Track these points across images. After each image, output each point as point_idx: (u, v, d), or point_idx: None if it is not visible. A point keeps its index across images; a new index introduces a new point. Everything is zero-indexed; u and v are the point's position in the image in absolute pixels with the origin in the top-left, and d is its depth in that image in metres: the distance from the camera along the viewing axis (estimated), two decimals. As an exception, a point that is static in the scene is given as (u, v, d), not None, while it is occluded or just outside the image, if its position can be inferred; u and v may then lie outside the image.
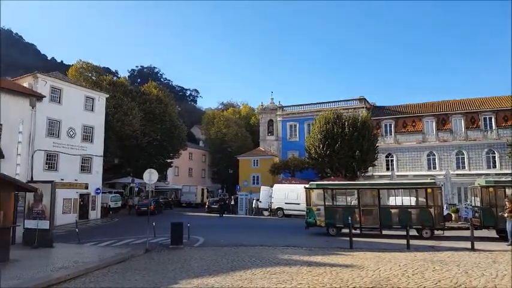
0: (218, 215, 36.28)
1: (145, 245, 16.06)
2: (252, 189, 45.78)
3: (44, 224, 15.68)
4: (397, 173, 41.17)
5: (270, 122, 56.74)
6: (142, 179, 20.93)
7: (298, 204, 32.82)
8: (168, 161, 52.04)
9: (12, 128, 26.98)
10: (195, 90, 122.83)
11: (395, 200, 20.61)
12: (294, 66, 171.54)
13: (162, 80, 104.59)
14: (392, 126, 46.40)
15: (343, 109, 46.63)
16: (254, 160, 52.81)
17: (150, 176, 18.33)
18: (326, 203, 21.03)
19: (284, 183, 39.09)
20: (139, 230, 22.57)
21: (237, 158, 54.62)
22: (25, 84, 31.28)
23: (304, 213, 22.76)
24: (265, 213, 37.86)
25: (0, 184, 12.04)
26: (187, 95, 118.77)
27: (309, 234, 21.09)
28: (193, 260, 13.20)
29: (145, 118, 45.50)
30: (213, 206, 39.71)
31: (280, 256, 13.62)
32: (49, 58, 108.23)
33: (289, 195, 35.40)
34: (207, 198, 50.91)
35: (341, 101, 51.45)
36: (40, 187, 15.79)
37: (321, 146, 38.70)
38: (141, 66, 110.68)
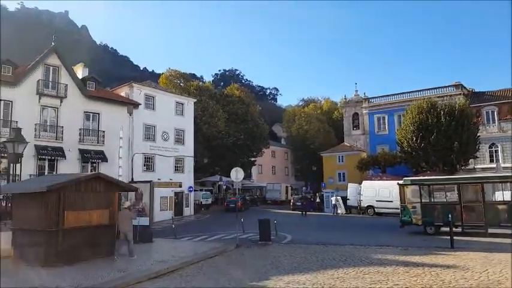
0: (301, 213, 35.39)
1: (236, 240, 16.51)
2: (338, 186, 44.52)
3: (145, 221, 16.95)
4: (503, 165, 36.85)
5: (355, 116, 54.41)
6: (229, 177, 21.62)
7: (391, 201, 31.15)
8: (252, 159, 53.14)
9: (114, 134, 29.80)
10: (275, 88, 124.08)
11: (503, 195, 18.38)
12: (378, 55, 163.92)
13: (243, 81, 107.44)
14: (495, 113, 41.56)
15: (438, 97, 42.68)
16: (339, 156, 51.28)
17: (237, 174, 18.82)
18: (422, 200, 19.61)
19: (374, 180, 37.32)
20: (228, 226, 23.27)
21: (321, 155, 53.53)
22: (122, 94, 34.39)
23: (398, 211, 21.49)
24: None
25: (107, 185, 13.30)
26: (267, 93, 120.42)
27: (404, 233, 19.86)
28: (283, 256, 13.20)
29: (229, 119, 47.09)
30: (298, 204, 39.34)
31: (373, 256, 13.01)
32: (141, 68, 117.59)
33: (380, 192, 33.69)
34: (292, 195, 50.90)
35: (434, 88, 47.08)
36: (140, 187, 17.11)
37: (414, 139, 35.98)
38: (223, 69, 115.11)
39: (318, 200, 41.72)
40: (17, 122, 24.11)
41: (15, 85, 25.58)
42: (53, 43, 28.24)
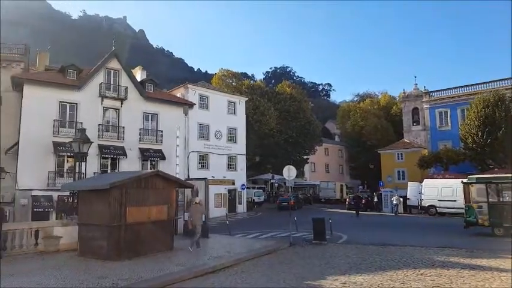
0: (355, 213, 33.68)
1: (289, 238, 16.39)
2: (397, 185, 42.59)
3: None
4: None
5: (415, 111, 51.65)
6: (281, 175, 21.53)
7: (454, 201, 29.44)
8: (305, 157, 52.63)
9: (171, 133, 30.91)
10: (328, 84, 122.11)
11: None
12: (439, 47, 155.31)
13: (294, 78, 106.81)
14: None
15: (506, 89, 39.64)
16: (398, 153, 49.08)
17: (289, 172, 18.66)
18: (490, 200, 18.21)
19: (436, 178, 35.38)
20: (281, 224, 23.21)
21: (378, 152, 51.51)
22: (178, 95, 35.61)
23: (462, 211, 20.17)
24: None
25: (165, 182, 13.79)
26: (319, 90, 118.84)
27: (469, 234, 18.60)
28: (338, 257, 12.89)
29: (280, 117, 46.99)
30: (353, 203, 38.15)
31: (435, 257, 12.30)
32: (195, 69, 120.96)
33: (442, 191, 31.88)
34: (347, 194, 49.68)
35: (502, 79, 43.41)
36: (196, 184, 17.58)
37: (480, 134, 33.60)
38: (274, 67, 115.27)
39: (375, 199, 40.36)
40: (81, 123, 25.78)
41: (79, 89, 27.39)
42: (113, 48, 29.85)
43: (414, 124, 51.51)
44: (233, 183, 35.74)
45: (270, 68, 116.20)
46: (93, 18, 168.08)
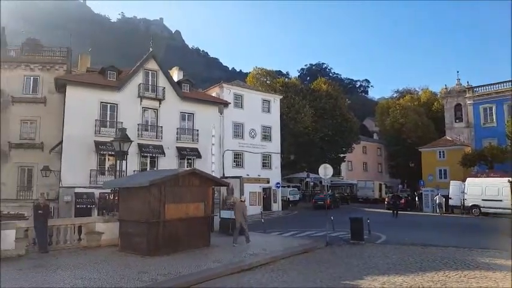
0: (391, 212, 31.59)
1: (326, 238, 16.17)
2: (439, 184, 40.91)
3: (236, 215, 17.46)
4: None
5: (458, 107, 49.36)
6: (316, 173, 21.24)
7: (500, 201, 28.03)
8: (341, 155, 51.75)
9: (206, 132, 31.42)
10: (366, 80, 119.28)
11: None
12: (482, 40, 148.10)
13: (330, 74, 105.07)
14: None
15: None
16: (440, 151, 47.22)
17: (325, 171, 18.35)
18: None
19: (480, 177, 33.78)
20: (317, 223, 22.92)
21: (419, 150, 49.77)
22: (214, 94, 36.04)
23: (508, 211, 19.14)
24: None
25: (202, 180, 14.00)
26: (357, 86, 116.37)
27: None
28: (377, 257, 12.58)
29: (316, 114, 46.41)
30: (392, 203, 36.73)
31: (479, 259, 11.74)
32: (230, 69, 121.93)
33: (487, 190, 30.37)
34: (386, 194, 48.38)
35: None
36: (231, 182, 17.70)
37: (528, 130, 31.69)
38: (309, 64, 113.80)
39: (417, 199, 39.06)
40: (122, 122, 26.64)
41: (119, 89, 28.32)
42: (150, 49, 30.64)
43: (457, 121, 49.32)
44: (268, 182, 35.70)
45: (305, 65, 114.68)
46: (131, 21, 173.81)
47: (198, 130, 31.46)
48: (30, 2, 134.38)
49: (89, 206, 25.29)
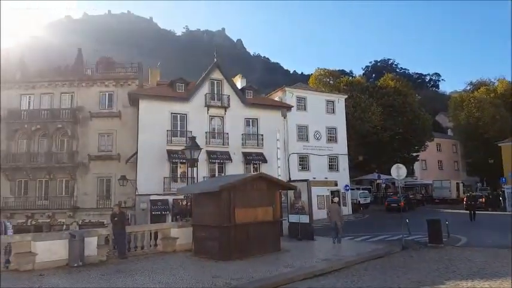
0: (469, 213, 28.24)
1: (401, 242, 15.36)
2: (523, 180, 37.23)
3: (305, 219, 17.26)
4: None
5: (541, 96, 44.65)
6: (388, 174, 20.31)
7: None
8: (414, 154, 49.15)
9: (271, 136, 31.54)
10: (436, 74, 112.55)
11: None
12: None
13: (397, 70, 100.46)
14: None
15: None
16: (523, 145, 42.89)
17: (398, 171, 17.47)
18: None
19: None
20: (391, 227, 22.02)
21: (498, 145, 45.58)
22: (276, 98, 36.18)
23: None
24: None
25: (269, 184, 14.02)
26: (426, 80, 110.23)
27: None
28: (458, 260, 11.75)
29: (384, 112, 44.53)
30: (470, 203, 33.46)
31: None
32: (291, 72, 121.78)
33: None
34: (464, 193, 44.86)
35: None
36: (298, 185, 17.52)
37: None
38: (374, 61, 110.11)
39: (500, 198, 35.76)
40: (191, 131, 27.68)
41: (188, 100, 29.58)
42: (215, 59, 31.61)
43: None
44: (336, 184, 34.83)
45: (370, 62, 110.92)
46: (195, 33, 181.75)
47: (262, 135, 31.73)
48: (102, 23, 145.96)
49: (163, 213, 26.60)
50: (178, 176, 28.31)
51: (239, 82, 35.46)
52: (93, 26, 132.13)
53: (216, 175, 28.86)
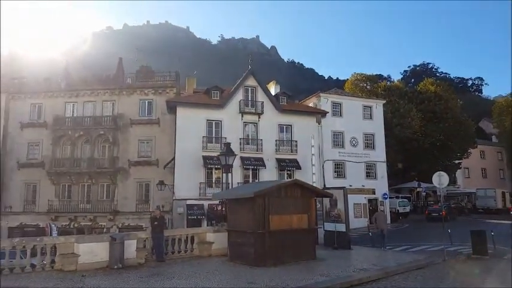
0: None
1: (443, 252, 14.71)
2: None
3: (341, 227, 16.90)
4: None
5: None
6: (428, 182, 19.57)
7: None
8: (456, 162, 47.15)
9: (305, 143, 31.24)
10: (479, 78, 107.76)
11: None
12: None
13: (438, 74, 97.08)
14: None
15: None
16: None
17: (440, 179, 16.79)
18: None
19: None
20: (432, 237, 21.16)
21: (549, 152, 42.94)
22: (311, 104, 35.89)
23: None
24: None
25: (304, 191, 13.85)
26: (469, 85, 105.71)
27: None
28: (506, 273, 11.07)
29: (424, 118, 43.17)
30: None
31: None
32: (326, 78, 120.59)
33: None
34: (511, 203, 42.45)
35: None
36: (334, 193, 17.21)
37: None
38: (413, 65, 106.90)
39: None
40: (225, 138, 28.06)
41: (222, 107, 30.02)
42: (249, 67, 31.89)
43: None
44: (373, 192, 33.94)
45: (408, 67, 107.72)
46: (230, 41, 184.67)
47: (296, 141, 31.53)
48: (141, 33, 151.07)
49: (199, 217, 27.01)
50: (213, 181, 28.67)
51: (273, 88, 35.50)
52: (133, 36, 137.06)
53: (250, 181, 28.95)
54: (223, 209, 16.30)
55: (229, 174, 16.12)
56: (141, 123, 31.30)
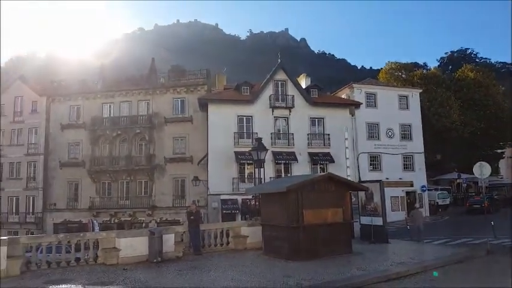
0: None
1: (486, 246, 14.13)
2: None
3: (378, 221, 16.54)
4: None
5: None
6: (469, 173, 18.81)
7: None
8: (499, 151, 44.98)
9: (338, 135, 30.80)
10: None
11: None
12: None
13: (477, 60, 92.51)
14: None
15: None
16: None
17: (482, 170, 16.18)
18: None
19: None
20: (473, 230, 20.42)
21: None
22: (343, 96, 35.29)
23: None
24: None
25: (338, 185, 13.66)
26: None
27: None
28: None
29: (463, 106, 41.47)
30: None
31: None
32: (359, 68, 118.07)
33: None
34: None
35: None
36: (369, 186, 16.88)
37: None
38: (450, 51, 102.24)
39: None
40: (257, 133, 28.20)
41: (253, 102, 30.10)
42: (279, 60, 31.77)
43: None
44: (411, 185, 32.91)
45: (445, 53, 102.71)
46: (258, 36, 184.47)
47: (329, 134, 31.14)
48: (171, 32, 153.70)
49: (233, 211, 27.38)
50: (246, 176, 28.93)
51: (303, 81, 35.18)
52: (164, 36, 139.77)
53: (282, 176, 28.91)
54: (257, 203, 16.39)
55: (262, 169, 16.15)
56: (175, 121, 32.01)
